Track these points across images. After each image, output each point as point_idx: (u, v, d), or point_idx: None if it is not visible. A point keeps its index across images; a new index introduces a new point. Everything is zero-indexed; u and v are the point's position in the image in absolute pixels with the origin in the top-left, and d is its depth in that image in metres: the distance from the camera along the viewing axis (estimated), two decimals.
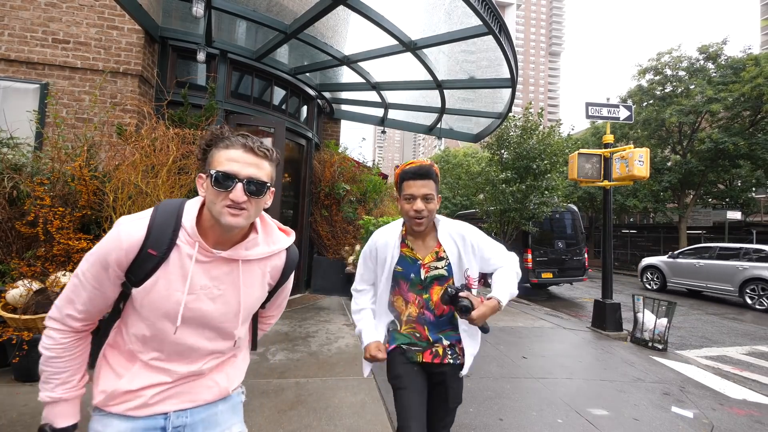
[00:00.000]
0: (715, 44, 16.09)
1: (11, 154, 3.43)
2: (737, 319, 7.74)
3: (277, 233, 1.06)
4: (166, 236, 0.88)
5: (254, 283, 1.01)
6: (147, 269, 0.87)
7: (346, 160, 7.35)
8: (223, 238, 0.94)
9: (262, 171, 0.90)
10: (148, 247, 0.86)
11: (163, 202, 0.94)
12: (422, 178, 1.39)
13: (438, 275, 1.47)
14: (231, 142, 0.89)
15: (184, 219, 0.91)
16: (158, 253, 0.87)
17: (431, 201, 1.41)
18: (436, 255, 1.48)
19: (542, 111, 9.76)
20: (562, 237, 10.03)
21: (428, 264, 1.48)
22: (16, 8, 4.43)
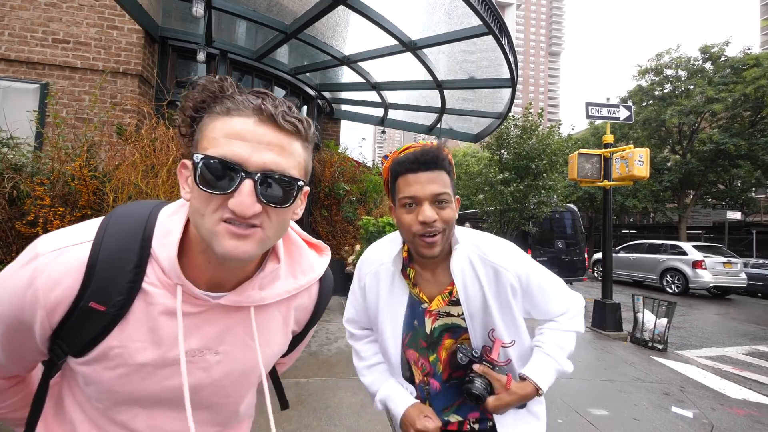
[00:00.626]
0: (717, 45, 16.10)
1: (11, 154, 3.43)
2: (737, 319, 7.74)
3: (306, 256, 0.72)
4: (122, 278, 0.53)
5: (273, 335, 0.68)
6: (89, 334, 0.53)
7: (346, 160, 7.35)
8: (223, 273, 0.59)
9: (289, 158, 0.54)
10: (88, 298, 0.52)
11: (117, 210, 0.59)
12: (428, 169, 0.87)
13: (450, 325, 0.97)
14: (236, 103, 0.52)
15: (156, 245, 0.56)
16: (108, 308, 0.53)
17: (446, 205, 0.89)
18: (449, 296, 0.96)
19: (542, 111, 9.77)
20: (562, 237, 10.03)
21: (436, 310, 0.97)
22: (16, 8, 4.43)
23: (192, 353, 0.58)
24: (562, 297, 1.00)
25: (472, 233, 1.02)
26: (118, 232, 0.55)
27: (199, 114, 0.54)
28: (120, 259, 0.54)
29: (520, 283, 0.95)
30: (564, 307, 1.00)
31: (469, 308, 0.94)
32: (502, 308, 0.94)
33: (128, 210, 0.59)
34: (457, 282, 0.94)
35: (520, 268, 0.95)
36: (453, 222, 0.92)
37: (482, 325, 0.95)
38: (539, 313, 1.00)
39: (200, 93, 0.54)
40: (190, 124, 0.56)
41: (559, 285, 1.01)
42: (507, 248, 0.99)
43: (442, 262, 0.98)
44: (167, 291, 0.56)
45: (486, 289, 0.93)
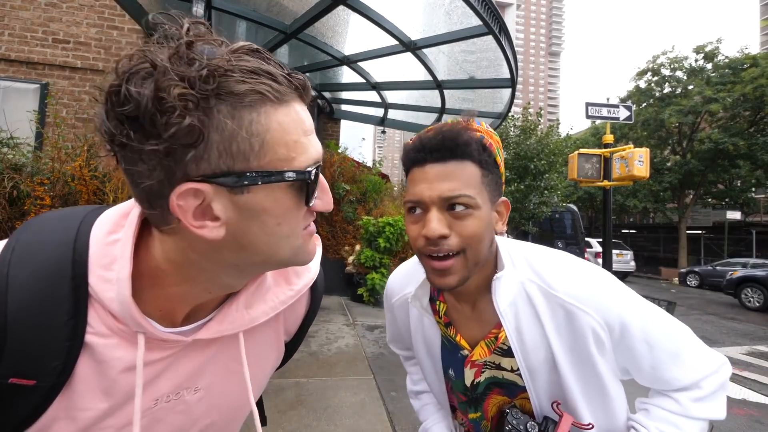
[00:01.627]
0: (710, 44, 16.14)
1: (11, 154, 3.43)
2: (736, 319, 7.75)
3: None
4: (52, 336, 0.38)
5: (265, 354, 0.58)
6: (18, 415, 0.38)
7: (346, 160, 7.36)
8: (211, 297, 0.46)
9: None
10: (4, 374, 0.36)
11: (22, 235, 0.40)
12: (440, 159, 0.60)
13: (501, 380, 0.71)
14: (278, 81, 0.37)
15: (95, 281, 0.40)
16: (39, 381, 0.38)
17: (467, 213, 0.60)
18: (494, 341, 0.68)
19: (542, 111, 9.79)
20: (562, 237, 10.06)
21: (479, 361, 0.71)
22: (16, 8, 4.43)
23: (165, 398, 0.46)
24: (687, 359, 0.62)
25: (529, 250, 0.70)
26: (29, 274, 0.37)
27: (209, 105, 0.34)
28: (43, 312, 0.37)
29: (611, 333, 0.61)
30: (690, 377, 0.62)
31: (527, 363, 0.65)
32: (578, 366, 0.63)
33: (39, 236, 0.40)
34: (507, 325, 0.65)
35: (611, 308, 0.61)
36: (481, 239, 0.60)
37: (548, 386, 0.65)
38: (645, 378, 0.65)
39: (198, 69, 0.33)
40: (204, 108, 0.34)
41: (683, 338, 0.63)
42: (586, 276, 0.64)
43: (486, 291, 0.68)
44: (122, 339, 0.41)
45: (552, 338, 0.63)
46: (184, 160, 0.34)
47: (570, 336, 0.63)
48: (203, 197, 0.36)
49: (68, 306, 0.38)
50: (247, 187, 0.37)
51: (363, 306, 6.03)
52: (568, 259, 0.69)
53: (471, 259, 0.61)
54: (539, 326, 0.64)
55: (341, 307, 5.95)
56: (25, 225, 0.41)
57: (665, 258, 19.42)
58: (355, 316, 5.35)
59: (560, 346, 0.63)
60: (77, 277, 0.39)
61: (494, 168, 0.63)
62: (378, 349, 4.06)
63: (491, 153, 0.64)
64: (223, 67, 0.34)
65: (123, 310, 0.39)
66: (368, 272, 6.12)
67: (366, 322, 5.12)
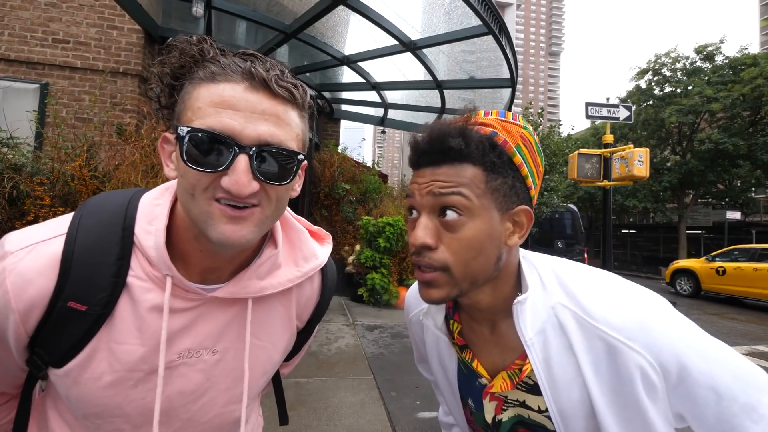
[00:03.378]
0: (712, 44, 16.15)
1: (11, 154, 3.43)
2: (737, 319, 7.75)
3: (307, 241, 0.65)
4: (103, 272, 0.48)
5: (277, 331, 0.62)
6: (70, 338, 0.48)
7: (346, 160, 7.36)
8: (218, 260, 0.53)
9: (287, 128, 0.48)
10: (66, 298, 0.47)
11: (91, 200, 0.53)
12: (435, 162, 0.53)
13: (528, 421, 0.60)
14: (222, 67, 0.46)
15: (140, 233, 0.51)
16: (89, 308, 0.47)
17: (461, 221, 0.51)
18: (518, 374, 0.58)
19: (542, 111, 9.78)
20: (562, 237, 10.06)
21: (500, 394, 0.62)
22: (16, 8, 4.43)
23: (187, 353, 0.52)
24: (765, 414, 0.49)
25: (562, 268, 0.59)
26: (94, 222, 0.50)
27: (179, 81, 0.48)
28: (99, 251, 0.48)
29: (666, 377, 0.49)
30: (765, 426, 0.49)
31: (558, 403, 0.54)
32: (622, 412, 0.51)
33: (104, 199, 0.53)
34: (534, 357, 0.54)
35: (665, 345, 0.49)
36: (474, 255, 0.52)
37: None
38: (706, 429, 0.51)
39: (178, 57, 0.48)
40: (169, 94, 0.49)
41: (759, 385, 0.50)
42: (634, 302, 0.53)
43: (506, 312, 0.58)
44: (155, 285, 0.50)
45: (589, 376, 0.52)
46: (174, 115, 0.49)
47: (612, 376, 0.51)
48: (172, 144, 0.50)
49: (117, 249, 0.49)
50: (175, 136, 0.46)
51: (363, 306, 6.04)
52: (608, 279, 0.57)
53: (459, 276, 0.52)
54: (573, 361, 0.53)
55: (341, 307, 5.94)
56: (92, 197, 0.54)
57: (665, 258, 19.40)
58: (354, 316, 5.35)
59: (599, 387, 0.52)
60: (126, 229, 0.50)
61: (509, 169, 0.53)
62: (378, 349, 4.06)
63: (503, 152, 0.53)
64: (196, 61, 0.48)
65: (158, 254, 0.49)
66: (368, 272, 6.12)
67: (366, 322, 5.12)
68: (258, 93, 0.46)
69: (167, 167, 0.51)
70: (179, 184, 0.49)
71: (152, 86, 0.51)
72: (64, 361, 0.48)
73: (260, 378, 0.61)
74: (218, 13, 4.66)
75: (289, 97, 0.48)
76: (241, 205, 0.46)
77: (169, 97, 0.50)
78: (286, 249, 0.62)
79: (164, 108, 0.51)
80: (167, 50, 0.49)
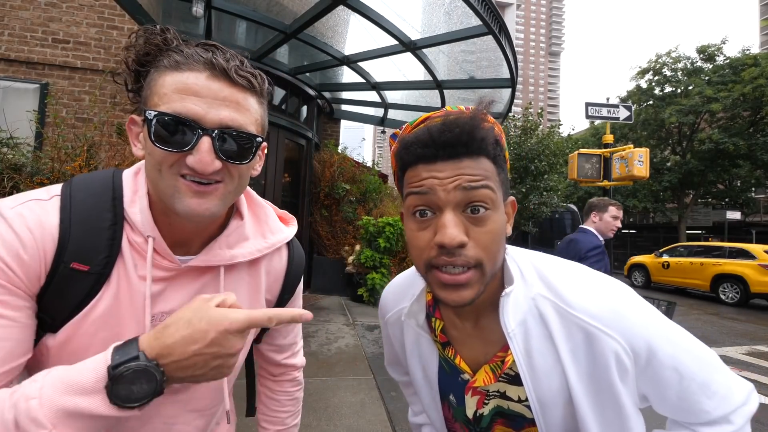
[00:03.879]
0: (714, 45, 16.16)
1: (11, 154, 3.43)
2: (737, 319, 7.75)
3: (273, 216, 0.71)
4: (100, 235, 0.52)
5: (243, 302, 0.65)
6: (73, 299, 0.51)
7: (346, 160, 7.36)
8: (186, 233, 0.58)
9: (246, 113, 0.53)
10: (69, 258, 0.50)
11: (76, 177, 0.56)
12: (454, 155, 0.51)
13: (507, 411, 0.62)
14: (185, 57, 0.50)
15: (127, 203, 0.55)
16: (91, 268, 0.51)
17: (488, 214, 0.51)
18: (500, 366, 0.60)
19: (542, 111, 9.78)
20: (561, 237, 10.04)
21: (482, 388, 0.63)
22: (16, 8, 4.43)
23: (160, 317, 0.56)
24: (718, 390, 0.54)
25: (540, 261, 0.62)
26: (86, 192, 0.54)
27: (145, 68, 0.52)
28: (95, 216, 0.52)
29: (637, 360, 0.53)
30: (721, 410, 0.54)
31: (538, 392, 0.56)
32: (597, 397, 0.54)
33: (89, 175, 0.57)
34: (516, 348, 0.56)
35: (637, 331, 0.53)
36: (500, 246, 0.53)
37: (562, 421, 0.57)
38: (667, 409, 0.57)
39: (143, 45, 0.52)
40: (136, 79, 0.54)
41: (714, 366, 0.56)
42: (608, 292, 0.56)
43: (491, 307, 0.60)
44: (141, 256, 0.55)
45: (567, 364, 0.55)
46: (140, 99, 0.53)
47: (589, 362, 0.54)
48: (139, 125, 0.54)
49: (110, 215, 0.53)
50: (143, 119, 0.51)
51: (363, 306, 6.03)
52: (583, 271, 0.60)
53: (489, 272, 0.52)
54: (553, 350, 0.55)
55: (341, 307, 5.94)
56: (75, 176, 0.57)
57: None
58: (355, 316, 5.35)
59: (577, 374, 0.54)
60: (116, 198, 0.55)
61: (505, 164, 0.56)
62: (378, 349, 4.06)
63: (503, 147, 0.56)
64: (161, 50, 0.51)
65: (143, 218, 0.54)
66: (368, 272, 6.12)
67: (366, 322, 5.12)
68: (219, 81, 0.50)
69: (135, 147, 0.55)
70: (147, 161, 0.53)
71: (120, 72, 0.56)
72: (63, 323, 0.51)
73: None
74: (218, 13, 4.66)
75: (248, 86, 0.53)
76: (206, 181, 0.51)
77: (135, 82, 0.54)
78: (253, 222, 0.67)
79: (131, 92, 0.55)
80: (134, 38, 0.53)
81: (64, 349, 0.51)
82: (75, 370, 0.43)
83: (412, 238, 0.55)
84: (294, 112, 6.81)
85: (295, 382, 0.84)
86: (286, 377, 0.83)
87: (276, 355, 0.80)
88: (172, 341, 0.44)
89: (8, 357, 0.46)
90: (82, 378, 0.41)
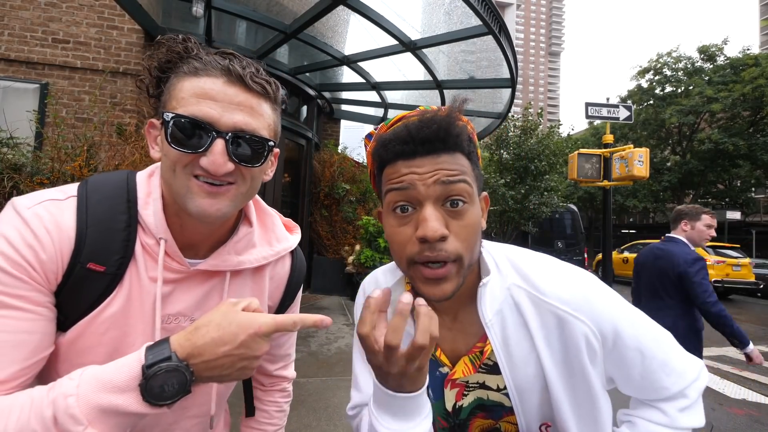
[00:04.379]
0: (714, 45, 16.17)
1: (11, 154, 3.43)
2: (736, 319, 7.75)
3: (279, 225, 0.73)
4: (115, 237, 0.53)
5: None
6: (88, 298, 0.52)
7: (346, 160, 7.36)
8: (196, 235, 0.59)
9: (259, 118, 0.54)
10: (85, 258, 0.51)
11: (90, 178, 0.57)
12: (432, 151, 0.53)
13: (486, 402, 0.64)
14: (203, 63, 0.52)
15: (141, 205, 0.56)
16: (107, 268, 0.52)
17: (466, 208, 0.53)
18: (479, 357, 0.62)
19: (542, 111, 9.78)
20: (561, 237, 10.05)
21: (461, 380, 0.64)
22: (16, 8, 4.43)
23: (167, 319, 0.57)
24: (675, 367, 0.59)
25: (512, 253, 0.65)
26: (101, 194, 0.55)
27: (166, 74, 0.55)
28: (110, 218, 0.53)
29: (604, 342, 0.57)
30: (678, 385, 0.58)
31: (515, 380, 0.58)
32: (569, 381, 0.57)
33: (103, 177, 0.58)
34: (494, 337, 0.58)
35: (604, 315, 0.57)
36: (477, 238, 0.55)
37: (538, 407, 0.59)
38: (631, 388, 0.61)
39: (165, 53, 0.54)
40: (156, 85, 0.56)
41: (670, 345, 0.60)
42: (576, 280, 0.60)
43: (469, 299, 0.62)
44: (152, 257, 0.56)
45: (542, 350, 0.57)
46: (160, 103, 0.56)
47: (561, 347, 0.57)
48: (158, 128, 0.56)
49: (125, 217, 0.54)
50: (161, 122, 0.53)
51: None
52: (553, 262, 0.64)
53: (467, 265, 0.54)
54: (528, 337, 0.58)
55: (341, 307, 5.94)
56: (89, 177, 0.58)
57: None
58: (354, 316, 5.35)
59: (551, 358, 0.57)
60: (130, 200, 0.56)
61: (478, 161, 0.59)
62: None
63: (476, 145, 0.59)
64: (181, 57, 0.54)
65: (156, 220, 0.55)
66: (368, 272, 6.11)
67: None
68: (234, 87, 0.52)
69: (152, 149, 0.58)
70: (162, 162, 0.54)
71: (142, 78, 0.59)
72: (74, 322, 0.52)
73: None
74: (218, 13, 4.66)
75: (262, 92, 0.55)
76: (218, 182, 0.52)
77: (156, 87, 0.57)
78: (261, 230, 0.68)
79: (152, 97, 0.58)
80: (156, 46, 0.55)
81: (72, 348, 0.52)
82: (110, 368, 0.44)
83: (393, 234, 0.56)
84: (294, 112, 6.81)
85: (285, 392, 0.86)
86: (276, 387, 0.84)
87: (269, 365, 0.81)
88: (203, 342, 0.45)
89: (37, 349, 0.48)
90: (118, 376, 0.43)
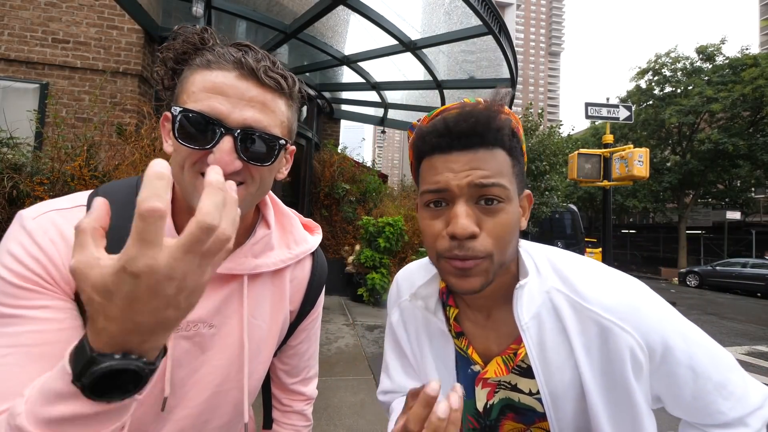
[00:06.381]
0: (712, 45, 16.17)
1: (11, 154, 3.43)
2: (736, 319, 7.75)
3: (298, 227, 0.70)
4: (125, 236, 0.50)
5: (268, 311, 0.64)
6: None
7: (346, 160, 7.36)
8: None
9: (271, 115, 0.52)
10: None
11: (101, 186, 0.57)
12: (469, 146, 0.51)
13: (517, 404, 0.61)
14: (216, 56, 0.50)
15: None
16: None
17: (500, 206, 0.52)
18: (512, 359, 0.60)
19: (542, 111, 9.79)
20: (561, 237, 10.06)
21: (493, 380, 0.62)
22: (16, 8, 4.43)
23: (186, 326, 0.55)
24: (734, 391, 0.52)
25: (555, 255, 0.61)
26: (113, 199, 0.51)
27: (180, 66, 0.53)
28: (121, 226, 0.48)
29: (652, 357, 0.51)
30: (736, 412, 0.52)
31: (549, 385, 0.55)
32: (610, 393, 0.53)
33: (114, 184, 0.57)
34: (529, 340, 0.55)
35: (653, 327, 0.52)
36: (512, 237, 0.53)
37: (573, 416, 0.55)
38: (681, 410, 0.56)
39: (181, 44, 0.52)
40: (171, 77, 0.54)
41: (729, 366, 0.54)
42: (624, 287, 0.55)
43: (504, 299, 0.60)
44: None
45: (581, 358, 0.53)
46: (173, 96, 0.53)
47: (603, 357, 0.53)
48: (170, 122, 0.51)
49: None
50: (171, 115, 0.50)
51: (363, 306, 6.04)
52: (597, 266, 0.59)
53: (498, 262, 0.52)
54: (566, 344, 0.54)
55: (341, 307, 5.94)
56: (101, 185, 0.57)
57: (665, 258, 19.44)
58: (354, 316, 5.35)
59: (590, 368, 0.53)
60: None
61: (521, 156, 0.56)
62: (378, 349, 4.06)
63: (519, 139, 0.56)
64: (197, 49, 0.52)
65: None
66: (368, 272, 6.12)
67: (366, 322, 5.12)
68: (247, 81, 0.50)
69: (166, 143, 0.55)
70: (172, 158, 0.52)
71: (157, 69, 0.56)
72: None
73: (258, 353, 0.63)
74: (218, 13, 4.66)
75: (277, 87, 0.52)
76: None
77: (171, 80, 0.54)
78: (279, 233, 0.66)
79: (167, 89, 0.55)
80: (172, 37, 0.54)
81: None
82: (49, 377, 0.39)
83: (425, 227, 0.55)
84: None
85: (304, 416, 0.79)
86: (294, 408, 0.78)
87: (286, 377, 0.77)
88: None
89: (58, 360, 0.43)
90: (56, 384, 0.37)
